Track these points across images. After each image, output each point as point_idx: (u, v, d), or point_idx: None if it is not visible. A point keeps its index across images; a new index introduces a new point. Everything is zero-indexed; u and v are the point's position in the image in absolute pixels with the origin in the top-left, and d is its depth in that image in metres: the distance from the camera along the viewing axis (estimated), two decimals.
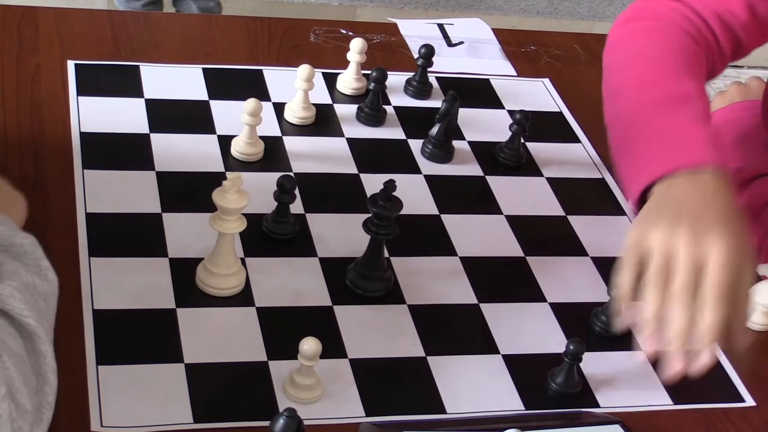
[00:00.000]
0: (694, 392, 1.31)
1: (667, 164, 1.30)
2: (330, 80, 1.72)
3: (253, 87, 1.67)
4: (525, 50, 1.91)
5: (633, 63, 1.48)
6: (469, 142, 1.65)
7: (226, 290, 1.31)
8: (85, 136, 1.50)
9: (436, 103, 1.68)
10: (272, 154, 1.54)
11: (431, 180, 1.56)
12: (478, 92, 1.78)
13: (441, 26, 1.94)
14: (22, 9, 1.75)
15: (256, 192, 1.32)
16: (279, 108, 1.63)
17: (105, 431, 1.12)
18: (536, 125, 1.65)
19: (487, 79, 1.82)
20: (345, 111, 1.67)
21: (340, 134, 1.62)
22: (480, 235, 1.48)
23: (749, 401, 1.32)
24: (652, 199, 1.30)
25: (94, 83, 1.61)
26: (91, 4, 3.26)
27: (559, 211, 1.56)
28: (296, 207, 1.43)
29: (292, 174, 1.50)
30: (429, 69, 1.73)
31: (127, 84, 1.63)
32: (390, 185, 1.30)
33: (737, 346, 1.24)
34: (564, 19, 4.06)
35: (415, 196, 1.51)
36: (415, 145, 1.62)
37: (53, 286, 1.08)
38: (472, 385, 1.26)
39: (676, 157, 1.31)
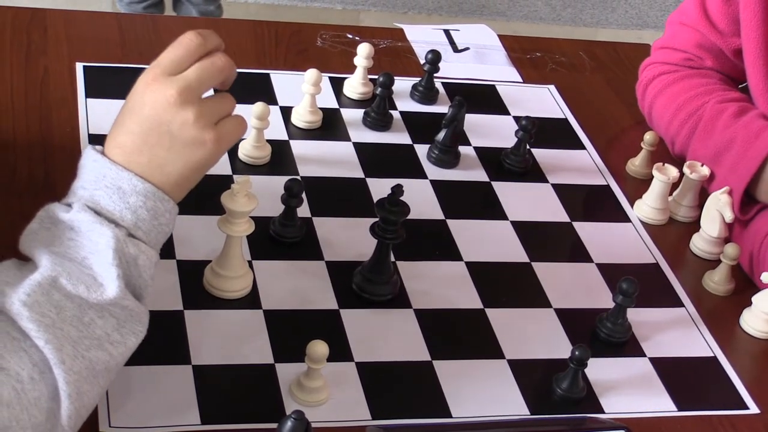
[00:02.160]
0: (699, 399, 1.32)
1: None
2: (337, 85, 1.73)
3: (261, 91, 1.68)
4: (530, 57, 1.92)
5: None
6: (475, 148, 1.66)
7: (234, 293, 1.31)
8: (93, 139, 1.50)
9: (442, 108, 1.69)
10: (279, 158, 1.55)
11: (437, 185, 1.57)
12: (483, 98, 1.78)
13: (447, 32, 1.94)
14: (31, 11, 1.75)
15: (263, 195, 1.32)
16: (286, 112, 1.64)
17: (116, 429, 1.12)
18: (542, 132, 1.65)
19: (493, 85, 1.82)
20: (352, 115, 1.67)
21: (347, 138, 1.62)
22: (485, 241, 1.49)
23: (753, 408, 1.32)
24: None
25: (102, 86, 1.62)
26: (89, 6, 3.25)
27: (564, 218, 1.56)
28: (303, 210, 1.44)
29: (299, 178, 1.50)
30: (435, 74, 1.74)
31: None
32: (398, 190, 1.30)
33: None
34: (567, 25, 4.07)
35: (421, 200, 1.52)
36: (422, 150, 1.63)
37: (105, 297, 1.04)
38: (478, 389, 1.27)
39: None
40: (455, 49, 1.90)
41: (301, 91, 1.61)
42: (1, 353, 0.97)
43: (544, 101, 1.82)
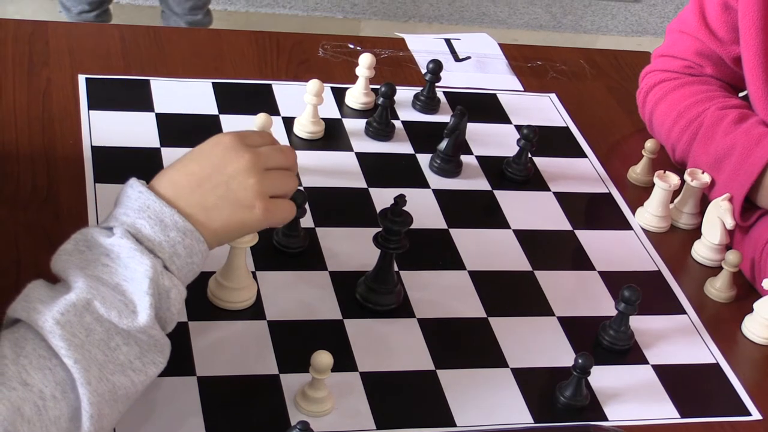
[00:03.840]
0: (701, 405, 1.32)
1: None
2: (339, 95, 1.73)
3: (263, 101, 1.68)
4: (531, 65, 1.92)
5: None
6: (477, 157, 1.66)
7: (238, 303, 1.31)
8: (96, 150, 1.51)
9: (444, 117, 1.70)
10: None
11: (440, 194, 1.57)
12: (485, 107, 1.79)
13: (448, 41, 1.95)
14: (33, 23, 1.76)
15: None
16: (288, 122, 1.64)
17: None
18: (543, 140, 1.66)
19: (494, 94, 1.83)
20: (354, 125, 1.68)
21: (349, 149, 1.63)
22: (488, 249, 1.49)
23: (756, 415, 1.33)
24: None
25: (104, 97, 1.62)
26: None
27: (566, 226, 1.57)
28: (306, 221, 1.44)
29: (302, 188, 1.51)
30: (437, 84, 1.74)
31: (138, 98, 1.64)
32: (400, 200, 1.31)
33: None
34: (567, 32, 4.07)
35: (423, 210, 1.52)
36: (424, 159, 1.63)
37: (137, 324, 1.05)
38: (482, 398, 1.27)
39: None
40: (456, 58, 1.90)
41: (303, 101, 1.61)
42: (27, 369, 0.98)
43: (545, 109, 1.82)
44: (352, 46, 1.86)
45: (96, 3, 3.21)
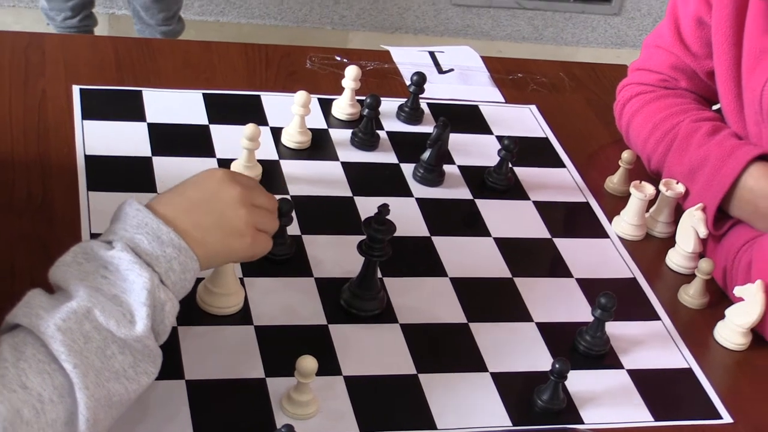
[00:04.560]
0: (674, 409, 1.33)
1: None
2: (325, 106, 1.73)
3: (252, 112, 1.68)
4: (512, 77, 1.92)
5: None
6: (459, 167, 1.66)
7: (226, 309, 1.31)
8: (89, 159, 1.51)
9: (427, 128, 1.69)
10: (270, 178, 1.55)
11: (423, 203, 1.57)
12: (467, 118, 1.79)
13: (432, 54, 1.95)
14: (30, 35, 1.76)
15: None
16: (276, 132, 1.64)
17: None
18: (523, 150, 1.66)
19: (476, 106, 1.83)
20: (340, 136, 1.68)
21: (335, 158, 1.63)
22: (469, 257, 1.49)
23: (727, 418, 1.33)
24: None
25: (98, 107, 1.62)
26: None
27: (545, 234, 1.57)
28: (293, 229, 1.44)
29: (289, 197, 1.51)
30: (420, 95, 1.74)
31: (130, 108, 1.64)
32: (384, 209, 1.31)
33: None
34: (549, 44, 4.08)
35: (407, 218, 1.52)
36: (407, 169, 1.63)
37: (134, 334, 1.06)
38: (462, 401, 1.27)
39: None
40: (440, 71, 1.90)
41: (290, 112, 1.61)
42: (27, 373, 0.98)
43: (526, 121, 1.82)
44: (338, 58, 1.86)
45: (77, 8, 3.20)
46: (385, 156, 1.66)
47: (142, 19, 3.23)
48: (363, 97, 1.67)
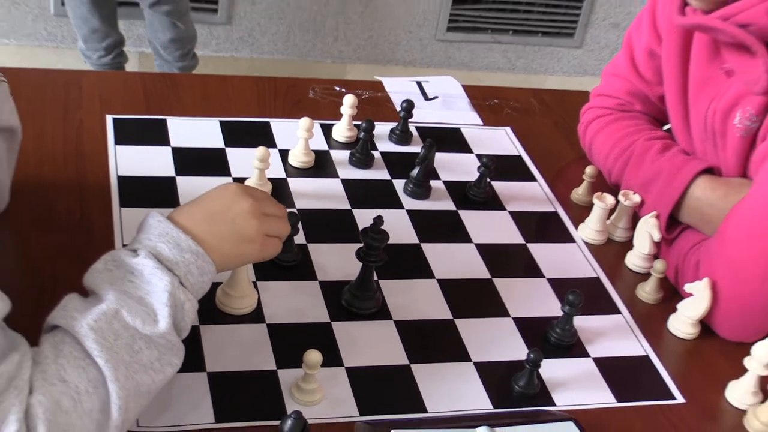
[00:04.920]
0: (634, 392, 1.32)
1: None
2: (326, 130, 1.72)
3: (262, 136, 1.67)
4: (489, 103, 1.91)
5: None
6: (444, 182, 1.65)
7: (241, 309, 1.30)
8: (121, 180, 1.50)
9: (415, 148, 1.69)
10: (279, 194, 1.54)
11: (412, 214, 1.56)
12: (450, 139, 1.77)
13: (419, 83, 1.94)
14: (70, 72, 1.75)
15: None
16: (284, 154, 1.63)
17: (143, 429, 1.12)
18: (500, 167, 1.65)
19: (458, 128, 1.82)
20: (339, 156, 1.66)
21: (336, 176, 1.62)
22: (454, 261, 1.48)
23: (680, 399, 1.32)
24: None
25: (128, 134, 1.61)
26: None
27: (519, 240, 1.56)
28: (299, 238, 1.43)
29: (295, 210, 1.50)
30: (409, 120, 1.73)
31: (157, 135, 1.63)
32: (378, 220, 1.30)
33: None
34: (520, 73, 4.08)
35: (399, 228, 1.51)
36: (399, 184, 1.62)
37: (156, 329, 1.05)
38: (448, 388, 1.26)
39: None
40: (426, 98, 1.89)
41: (296, 136, 1.61)
42: (65, 368, 0.98)
43: (501, 141, 1.81)
44: (337, 89, 1.85)
45: (110, 47, 3.20)
46: (379, 173, 1.65)
47: (162, 56, 3.23)
48: (359, 122, 1.67)
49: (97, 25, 3.13)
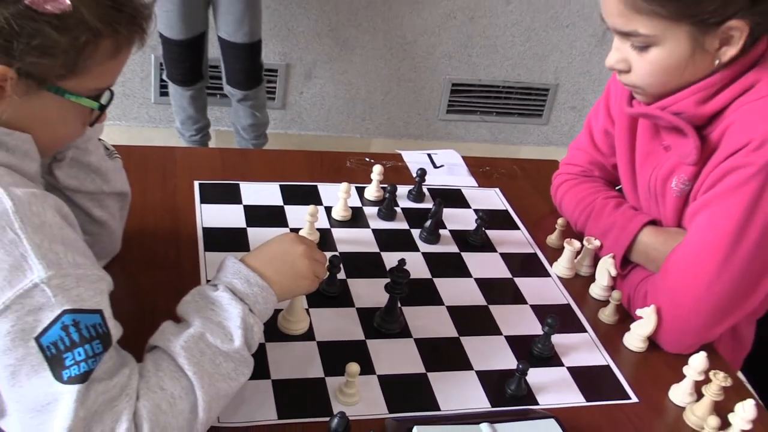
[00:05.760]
0: (598, 393, 1.28)
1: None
2: (360, 191, 1.70)
3: (312, 197, 1.65)
4: (482, 170, 1.89)
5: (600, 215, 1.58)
6: (450, 231, 1.62)
7: (297, 331, 1.28)
8: (205, 230, 1.48)
9: (428, 205, 1.67)
10: (325, 241, 1.52)
11: (426, 256, 1.53)
12: (454, 198, 1.75)
13: (429, 155, 1.92)
14: (166, 149, 1.74)
15: None
16: (328, 210, 1.61)
17: (222, 425, 1.09)
18: (492, 219, 1.63)
19: (460, 189, 1.79)
20: (370, 211, 1.64)
21: (368, 227, 1.59)
22: (458, 292, 1.45)
23: (634, 398, 1.29)
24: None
25: (211, 195, 1.59)
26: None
27: (508, 275, 1.53)
28: (341, 275, 1.41)
29: (338, 253, 1.48)
30: (423, 183, 1.71)
31: (232, 196, 1.61)
32: (402, 262, 1.28)
33: None
34: (501, 144, 4.06)
35: (416, 266, 1.48)
36: (415, 233, 1.59)
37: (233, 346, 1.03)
38: (457, 391, 1.23)
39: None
40: (435, 166, 1.87)
41: (337, 196, 1.59)
42: (163, 378, 0.97)
43: (492, 199, 1.78)
44: (368, 159, 1.83)
45: (199, 130, 3.21)
46: (401, 224, 1.62)
47: (241, 135, 3.23)
48: (385, 185, 1.65)
49: (191, 113, 3.13)
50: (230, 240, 1.47)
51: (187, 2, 2.80)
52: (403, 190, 1.72)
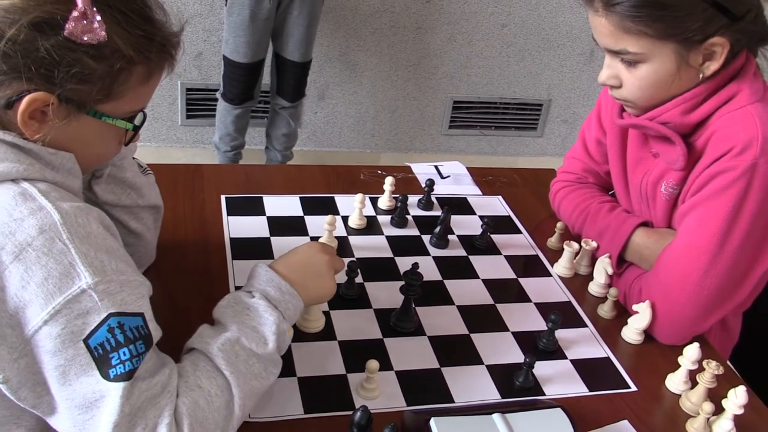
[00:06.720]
0: (600, 383, 1.27)
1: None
2: (374, 201, 1.69)
3: (330, 207, 1.64)
4: (486, 179, 1.88)
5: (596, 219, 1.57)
6: (458, 236, 1.61)
7: (314, 329, 1.27)
8: (233, 240, 1.47)
9: (437, 213, 1.66)
10: (342, 248, 1.51)
11: (437, 260, 1.52)
12: (460, 205, 1.74)
13: (436, 167, 1.91)
14: (194, 166, 1.73)
15: None
16: (345, 219, 1.60)
17: (253, 421, 1.09)
18: (496, 224, 1.62)
19: (465, 197, 1.79)
20: (384, 220, 1.63)
21: (382, 234, 1.58)
22: (467, 292, 1.44)
23: (633, 387, 1.27)
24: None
25: (237, 208, 1.59)
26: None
27: (512, 275, 1.51)
28: (358, 279, 1.40)
29: (355, 259, 1.47)
30: (432, 193, 1.71)
31: (256, 208, 1.60)
32: (415, 266, 1.27)
33: None
34: (500, 156, 4.05)
35: (427, 270, 1.47)
36: (426, 238, 1.58)
37: (266, 350, 1.03)
38: (468, 383, 1.22)
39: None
40: (442, 177, 1.86)
41: (353, 206, 1.58)
42: (201, 378, 0.96)
43: (496, 206, 1.77)
44: (380, 172, 1.83)
45: (235, 147, 3.22)
46: (412, 231, 1.61)
47: (273, 145, 3.25)
48: (397, 195, 1.64)
49: (232, 131, 3.14)
50: (256, 249, 1.46)
51: (258, 31, 2.87)
52: (413, 199, 1.71)
